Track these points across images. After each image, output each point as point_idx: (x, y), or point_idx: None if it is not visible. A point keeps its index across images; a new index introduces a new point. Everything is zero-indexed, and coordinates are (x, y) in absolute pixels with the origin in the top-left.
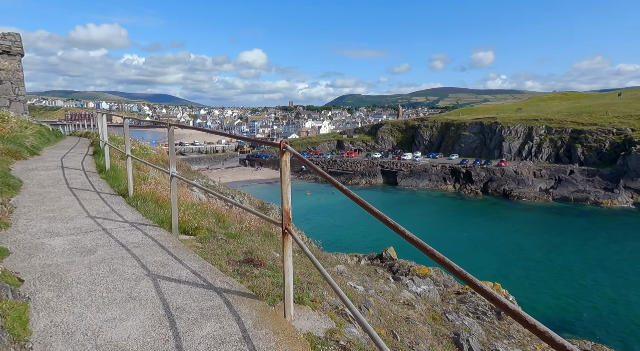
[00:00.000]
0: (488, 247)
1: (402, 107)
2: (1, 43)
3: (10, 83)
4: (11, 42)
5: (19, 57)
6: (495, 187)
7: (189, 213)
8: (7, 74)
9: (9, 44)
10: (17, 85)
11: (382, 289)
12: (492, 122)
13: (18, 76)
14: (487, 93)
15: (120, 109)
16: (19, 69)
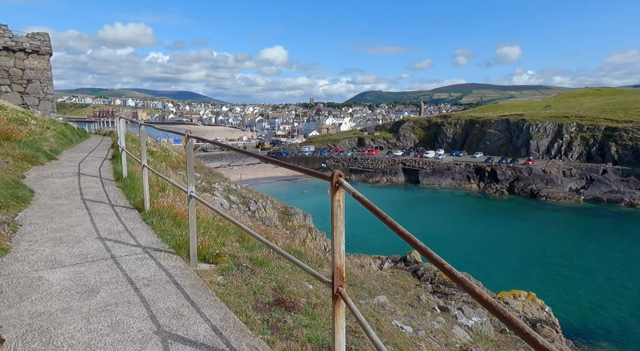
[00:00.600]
0: (514, 248)
1: (424, 103)
2: (31, 43)
3: (39, 82)
4: (40, 42)
5: (47, 57)
6: (522, 186)
7: (209, 236)
8: (37, 73)
9: (38, 44)
10: (46, 84)
11: (432, 327)
12: (519, 119)
13: (47, 75)
14: (513, 89)
15: (145, 106)
16: (48, 68)
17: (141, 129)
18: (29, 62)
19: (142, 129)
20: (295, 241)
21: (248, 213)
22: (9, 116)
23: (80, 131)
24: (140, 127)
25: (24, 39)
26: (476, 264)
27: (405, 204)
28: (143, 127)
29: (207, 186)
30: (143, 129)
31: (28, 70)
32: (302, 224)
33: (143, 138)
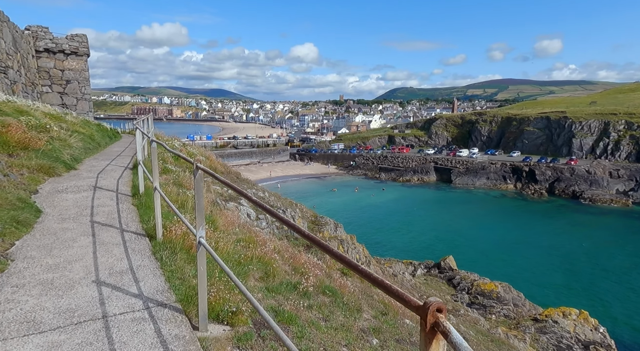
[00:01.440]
0: (556, 255)
1: (457, 100)
2: (70, 44)
3: (77, 83)
4: (78, 43)
5: (85, 58)
6: (563, 188)
7: (224, 283)
8: (75, 74)
9: (77, 45)
10: (84, 84)
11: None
12: (561, 116)
13: (84, 76)
14: (553, 84)
15: (180, 104)
16: (85, 69)
17: (153, 146)
18: (68, 63)
19: (154, 147)
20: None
21: (276, 224)
22: (31, 123)
23: (112, 131)
24: (152, 145)
25: (63, 40)
26: (515, 272)
27: (437, 204)
28: (154, 144)
29: (234, 194)
30: (154, 146)
31: (67, 71)
32: (332, 236)
33: (155, 157)
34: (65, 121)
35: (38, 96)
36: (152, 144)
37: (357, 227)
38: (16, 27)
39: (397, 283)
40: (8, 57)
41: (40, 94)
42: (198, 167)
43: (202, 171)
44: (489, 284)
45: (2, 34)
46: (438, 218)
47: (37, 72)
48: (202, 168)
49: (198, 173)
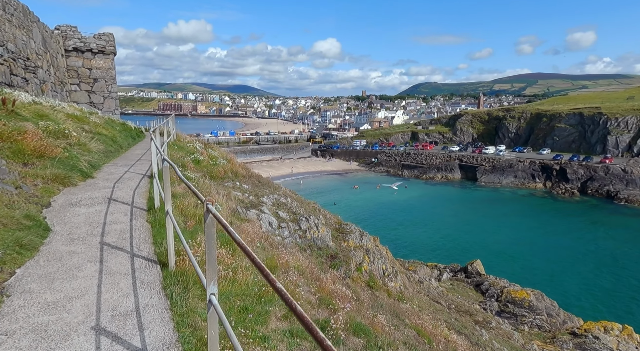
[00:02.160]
0: (590, 259)
1: (483, 95)
2: (97, 43)
3: (104, 81)
4: (105, 42)
5: (112, 56)
6: (596, 187)
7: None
8: (102, 73)
9: (104, 44)
10: (110, 83)
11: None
12: (595, 112)
13: (111, 74)
14: (586, 78)
15: (204, 100)
16: (112, 68)
17: (165, 166)
18: (96, 62)
19: (166, 166)
20: (362, 310)
21: (299, 233)
22: (49, 129)
23: (136, 131)
24: (164, 163)
25: (91, 39)
26: (546, 278)
27: (462, 202)
28: (166, 164)
29: (255, 201)
30: (167, 165)
31: (94, 69)
32: (358, 245)
33: (167, 178)
34: (88, 122)
35: (67, 94)
36: (164, 163)
37: (379, 226)
38: (46, 27)
39: (423, 290)
40: (38, 57)
41: (69, 93)
42: (209, 210)
43: (213, 215)
44: (520, 292)
45: (32, 34)
46: (463, 218)
47: (66, 71)
48: (213, 213)
49: (209, 217)
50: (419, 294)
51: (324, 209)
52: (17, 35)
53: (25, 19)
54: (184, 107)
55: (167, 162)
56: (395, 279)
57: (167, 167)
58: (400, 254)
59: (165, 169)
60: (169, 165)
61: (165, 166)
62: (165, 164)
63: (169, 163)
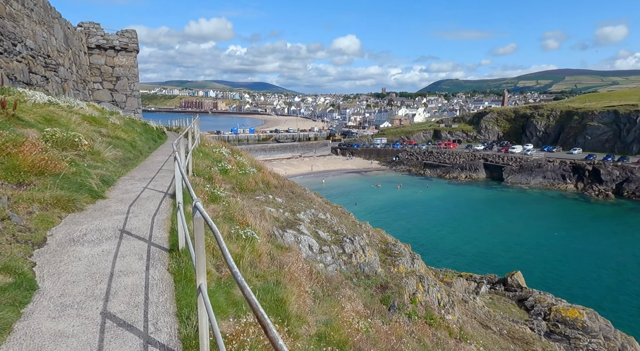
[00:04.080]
0: (631, 268)
1: (507, 92)
2: (120, 40)
3: (127, 79)
4: (128, 39)
5: (134, 54)
6: (633, 189)
7: None
8: (125, 70)
9: (126, 41)
10: (133, 81)
11: None
12: (632, 110)
13: (133, 72)
14: (616, 75)
15: (224, 97)
16: (135, 65)
17: (196, 227)
18: (118, 60)
19: (198, 228)
20: None
21: (343, 258)
22: (55, 136)
23: (158, 132)
24: (194, 221)
25: (113, 36)
26: (591, 290)
27: (488, 204)
28: (199, 219)
29: (291, 218)
30: (199, 227)
31: (117, 67)
32: (409, 271)
33: (200, 245)
34: (106, 124)
35: (89, 93)
36: (195, 218)
37: (403, 228)
38: (68, 24)
39: (469, 310)
40: (59, 54)
41: (91, 91)
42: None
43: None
44: (571, 311)
45: (54, 30)
46: (490, 220)
47: (89, 69)
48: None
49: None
50: (471, 320)
51: (365, 224)
52: (37, 31)
53: (46, 15)
54: (204, 104)
55: (205, 220)
56: (452, 310)
57: (200, 230)
58: (427, 260)
59: (197, 231)
60: (204, 223)
61: (197, 223)
62: (197, 223)
63: (206, 222)
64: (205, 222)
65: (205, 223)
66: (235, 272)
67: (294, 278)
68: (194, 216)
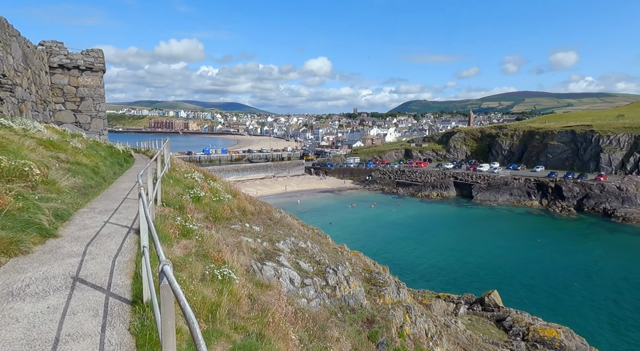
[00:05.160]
0: (592, 279)
1: (473, 113)
2: (85, 60)
3: (92, 100)
4: (94, 58)
5: (100, 73)
6: (592, 205)
7: None
8: (90, 91)
9: (92, 61)
10: (98, 101)
11: None
12: (587, 130)
13: (99, 92)
14: (571, 97)
15: (196, 117)
16: (101, 85)
17: (162, 286)
18: (83, 80)
19: (167, 270)
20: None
21: (327, 291)
22: (0, 167)
23: (124, 155)
24: (161, 280)
25: (78, 56)
26: (562, 306)
27: (460, 221)
28: (167, 284)
29: (270, 248)
30: (167, 269)
31: (82, 87)
32: (395, 302)
33: (169, 324)
34: (66, 149)
35: (50, 114)
36: (162, 286)
37: (379, 247)
38: (28, 42)
39: (451, 335)
40: (16, 74)
41: (52, 113)
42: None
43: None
44: (548, 330)
45: (11, 49)
46: (463, 237)
47: (50, 89)
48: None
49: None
50: (456, 348)
51: (348, 251)
52: None
53: (2, 33)
54: (175, 124)
55: (176, 296)
56: (440, 341)
57: (170, 298)
58: (405, 281)
59: (167, 301)
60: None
61: (165, 293)
62: (164, 292)
63: (176, 299)
64: (176, 298)
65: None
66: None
67: (279, 328)
68: (160, 282)
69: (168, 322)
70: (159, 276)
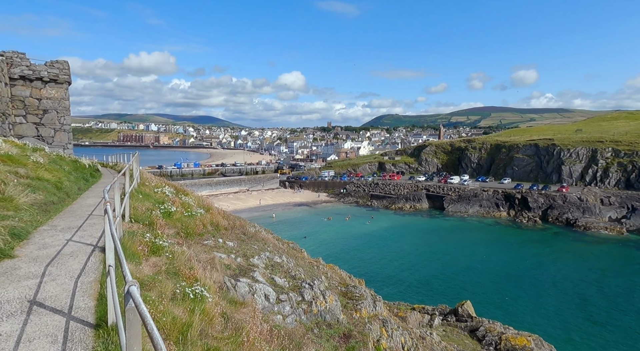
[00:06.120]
0: (558, 286)
1: (443, 127)
2: (49, 71)
3: (56, 112)
4: (59, 70)
5: (65, 85)
6: (556, 215)
7: None
8: (54, 103)
9: (57, 72)
10: (63, 114)
11: None
12: (549, 143)
13: (64, 105)
14: (533, 112)
15: (167, 131)
16: (66, 98)
17: (127, 309)
18: (46, 92)
19: (137, 302)
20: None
21: (302, 306)
22: None
23: (91, 169)
24: (127, 297)
25: (42, 67)
26: (531, 313)
27: (432, 233)
28: (135, 306)
29: (244, 264)
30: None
31: (45, 100)
32: (372, 315)
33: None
34: (26, 163)
35: (10, 127)
36: (128, 309)
37: (353, 261)
38: None
39: (427, 348)
40: None
41: (12, 126)
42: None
43: None
44: (519, 339)
45: None
46: (435, 248)
47: (10, 102)
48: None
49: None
50: None
51: (323, 265)
52: None
53: None
54: (145, 138)
55: (143, 320)
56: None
57: (136, 322)
58: (381, 293)
59: (134, 324)
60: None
61: (132, 316)
62: (130, 315)
63: (143, 323)
64: (142, 322)
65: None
66: None
67: (253, 348)
68: (126, 305)
69: (134, 347)
70: (125, 297)
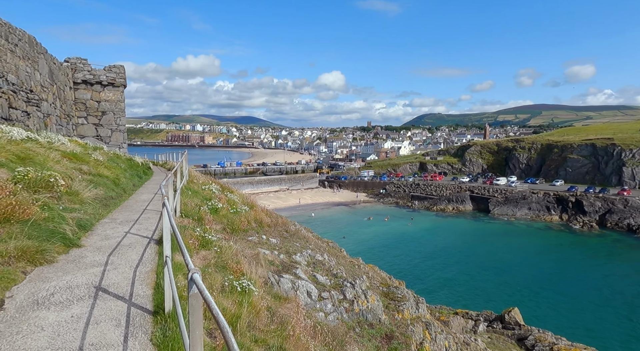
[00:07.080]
0: (617, 297)
1: (489, 126)
2: (107, 75)
3: (113, 114)
4: (116, 74)
5: (122, 88)
6: (616, 220)
7: None
8: (111, 105)
9: (114, 76)
10: (119, 115)
11: None
12: (608, 143)
13: (120, 107)
14: (589, 110)
15: (211, 131)
16: (121, 100)
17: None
18: (105, 95)
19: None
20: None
21: (344, 305)
22: (28, 177)
23: (143, 167)
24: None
25: (101, 72)
26: (587, 325)
27: (475, 236)
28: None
29: (287, 261)
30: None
31: (103, 102)
32: (415, 317)
33: None
34: (89, 161)
35: (73, 128)
36: (192, 294)
37: (393, 262)
38: (54, 59)
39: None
40: (43, 89)
41: (75, 126)
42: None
43: None
44: (573, 350)
45: (38, 66)
46: (481, 253)
47: (74, 104)
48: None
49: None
50: None
51: (363, 265)
52: (20, 66)
53: (31, 50)
54: (191, 138)
55: (207, 304)
56: None
57: (198, 307)
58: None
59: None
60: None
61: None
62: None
63: (208, 306)
64: (207, 305)
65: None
66: None
67: (299, 342)
68: (190, 290)
69: (196, 332)
70: (188, 284)
